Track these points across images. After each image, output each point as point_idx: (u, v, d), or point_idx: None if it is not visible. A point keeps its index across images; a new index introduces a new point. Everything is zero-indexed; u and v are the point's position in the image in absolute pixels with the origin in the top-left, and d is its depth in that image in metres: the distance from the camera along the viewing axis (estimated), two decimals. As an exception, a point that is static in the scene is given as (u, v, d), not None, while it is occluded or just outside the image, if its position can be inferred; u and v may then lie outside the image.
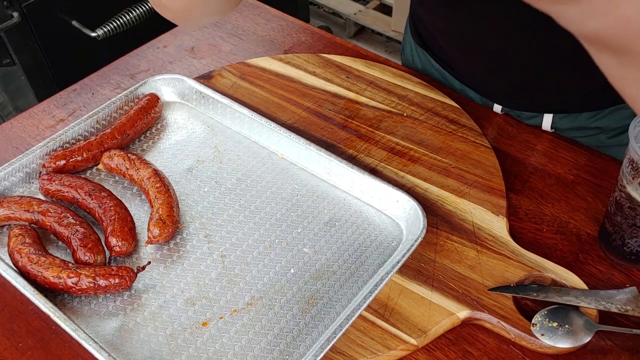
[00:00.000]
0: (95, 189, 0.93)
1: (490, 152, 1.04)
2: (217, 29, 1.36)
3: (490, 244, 0.89)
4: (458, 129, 1.08)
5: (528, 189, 0.99)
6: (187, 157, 1.05)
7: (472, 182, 0.99)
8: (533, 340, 0.78)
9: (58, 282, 0.81)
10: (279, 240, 0.92)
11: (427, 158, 1.03)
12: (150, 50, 1.30)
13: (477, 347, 0.80)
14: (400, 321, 0.81)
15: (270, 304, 0.84)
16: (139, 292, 0.85)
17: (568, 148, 1.06)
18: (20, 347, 0.81)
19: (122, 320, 0.82)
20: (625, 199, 0.82)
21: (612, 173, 1.01)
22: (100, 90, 1.20)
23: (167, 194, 0.93)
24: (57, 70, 1.86)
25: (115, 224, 0.88)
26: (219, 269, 0.88)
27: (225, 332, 0.81)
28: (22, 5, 1.67)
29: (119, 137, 1.02)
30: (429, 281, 0.85)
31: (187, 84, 1.12)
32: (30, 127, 1.12)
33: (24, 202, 0.91)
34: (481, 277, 0.85)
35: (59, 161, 0.98)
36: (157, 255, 0.90)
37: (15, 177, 0.98)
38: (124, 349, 0.79)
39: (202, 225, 0.94)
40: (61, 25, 1.82)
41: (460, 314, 0.81)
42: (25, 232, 0.87)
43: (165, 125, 1.11)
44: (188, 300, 0.84)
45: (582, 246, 0.91)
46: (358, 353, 0.78)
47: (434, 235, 0.91)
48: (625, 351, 0.79)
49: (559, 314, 0.80)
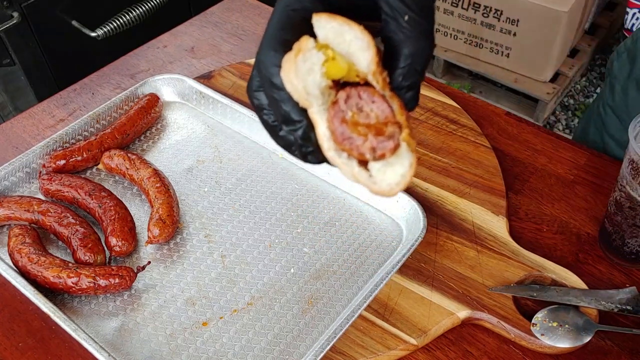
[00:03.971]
0: (95, 188, 0.93)
1: (490, 152, 1.04)
2: (217, 29, 1.36)
3: (490, 244, 0.89)
4: (458, 129, 1.08)
5: (528, 189, 0.99)
6: (187, 157, 1.05)
7: (472, 182, 0.99)
8: (533, 340, 0.78)
9: (58, 282, 0.81)
10: (279, 240, 0.92)
11: (427, 158, 1.03)
12: (150, 50, 1.30)
13: (477, 347, 0.80)
14: (400, 321, 0.81)
15: (270, 303, 0.84)
16: (139, 292, 0.85)
17: (568, 148, 1.06)
18: (20, 347, 0.81)
19: (122, 320, 0.82)
20: (625, 199, 0.82)
21: (612, 173, 1.01)
22: (100, 90, 1.20)
23: (167, 193, 0.93)
24: (57, 70, 1.86)
25: (115, 224, 0.88)
26: (219, 268, 0.88)
27: (225, 332, 0.81)
28: (22, 5, 1.67)
29: (119, 137, 1.02)
30: (429, 281, 0.85)
31: (187, 84, 1.12)
32: (30, 127, 1.12)
33: (24, 202, 0.91)
34: (481, 277, 0.85)
35: (59, 161, 0.98)
36: (157, 255, 0.90)
37: (16, 176, 0.98)
38: (124, 348, 0.79)
39: (202, 225, 0.94)
40: (61, 25, 1.82)
41: (460, 314, 0.81)
42: (26, 232, 0.87)
43: (165, 125, 1.11)
44: (188, 300, 0.84)
45: (582, 246, 0.91)
46: (358, 353, 0.78)
47: (434, 235, 0.91)
48: (625, 351, 0.79)
49: (559, 314, 0.80)
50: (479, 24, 2.76)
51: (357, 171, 0.47)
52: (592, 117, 1.26)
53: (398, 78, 0.47)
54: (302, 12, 0.48)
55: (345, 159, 0.47)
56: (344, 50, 0.46)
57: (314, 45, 0.45)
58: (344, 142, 0.46)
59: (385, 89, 0.46)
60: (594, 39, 3.08)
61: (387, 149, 0.45)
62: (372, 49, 0.45)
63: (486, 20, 2.73)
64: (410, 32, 0.46)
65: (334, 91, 0.46)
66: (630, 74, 1.13)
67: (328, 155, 0.47)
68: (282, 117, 0.48)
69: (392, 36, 0.47)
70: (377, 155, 0.46)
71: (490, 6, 2.67)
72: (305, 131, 0.47)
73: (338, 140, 0.46)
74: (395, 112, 0.46)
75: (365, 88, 0.46)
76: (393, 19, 0.46)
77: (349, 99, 0.46)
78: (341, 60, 0.46)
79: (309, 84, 0.45)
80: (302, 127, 0.47)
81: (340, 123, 0.46)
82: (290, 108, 0.47)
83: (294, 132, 0.48)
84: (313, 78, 0.45)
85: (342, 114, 0.46)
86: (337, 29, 0.46)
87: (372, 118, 0.46)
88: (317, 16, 0.46)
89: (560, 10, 2.52)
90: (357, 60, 0.46)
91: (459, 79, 3.08)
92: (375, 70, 0.45)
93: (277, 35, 0.48)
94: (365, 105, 0.46)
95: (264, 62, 0.48)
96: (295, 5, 0.48)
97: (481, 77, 3.02)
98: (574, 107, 3.01)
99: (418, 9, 0.46)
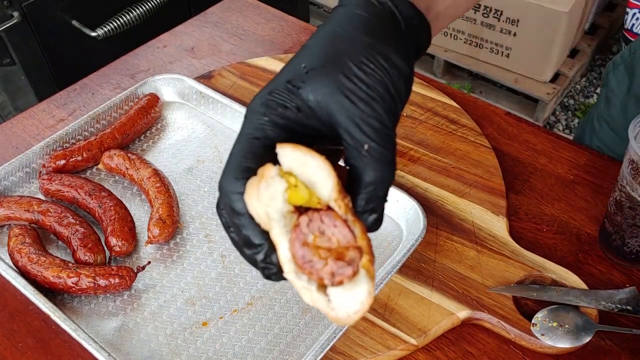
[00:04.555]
0: (95, 188, 0.93)
1: (490, 152, 1.04)
2: (217, 29, 1.36)
3: (490, 244, 0.89)
4: (458, 129, 1.08)
5: (528, 189, 0.99)
6: (187, 157, 1.05)
7: (472, 182, 0.99)
8: (533, 340, 0.78)
9: (58, 282, 0.81)
10: (279, 240, 0.91)
11: (427, 158, 1.03)
12: (150, 50, 1.30)
13: (477, 347, 0.80)
14: (400, 321, 0.81)
15: (270, 303, 0.84)
16: (139, 292, 0.85)
17: (568, 148, 1.06)
18: (20, 347, 0.81)
19: (122, 320, 0.82)
20: (625, 199, 0.82)
21: (612, 173, 1.01)
22: (100, 90, 1.20)
23: (167, 193, 0.93)
24: (57, 70, 1.86)
25: (115, 224, 0.88)
26: (219, 268, 0.88)
27: (225, 332, 0.81)
28: (22, 5, 1.67)
29: (119, 137, 1.02)
30: (429, 281, 0.85)
31: (187, 83, 1.12)
32: (30, 127, 1.12)
33: (24, 201, 0.91)
34: (481, 277, 0.85)
35: (59, 161, 0.98)
36: (157, 255, 0.90)
37: (15, 176, 0.98)
38: (124, 348, 0.79)
39: (202, 225, 0.94)
40: (61, 25, 1.82)
41: (460, 314, 0.81)
42: (25, 232, 0.87)
43: (165, 125, 1.11)
44: (188, 300, 0.84)
45: (582, 246, 0.91)
46: (358, 353, 0.78)
47: (434, 235, 0.91)
48: (625, 351, 0.79)
49: (559, 314, 0.80)
50: (479, 24, 2.76)
51: (316, 297, 0.47)
52: (587, 127, 1.24)
53: (360, 203, 0.47)
54: (264, 140, 0.49)
55: (305, 282, 0.47)
56: (307, 179, 0.47)
57: (277, 173, 0.46)
58: (304, 265, 0.46)
59: (347, 214, 0.46)
60: (594, 39, 3.08)
61: (345, 275, 0.46)
62: (333, 179, 0.46)
63: (486, 20, 2.73)
64: (371, 160, 0.47)
65: (296, 215, 0.47)
66: (630, 89, 1.10)
67: (288, 277, 0.48)
68: (242, 241, 0.49)
69: (353, 163, 0.48)
70: (336, 281, 0.46)
71: (490, 6, 2.67)
72: (267, 254, 0.48)
73: (299, 263, 0.46)
74: (357, 237, 0.46)
75: (327, 212, 0.46)
76: (354, 148, 0.47)
77: (310, 222, 0.46)
78: (303, 188, 0.47)
79: (271, 209, 0.46)
80: (263, 250, 0.48)
81: (302, 246, 0.46)
82: (251, 232, 0.48)
83: (256, 255, 0.48)
84: (275, 204, 0.46)
85: (303, 236, 0.46)
86: (301, 159, 0.46)
87: (333, 242, 0.46)
88: (280, 146, 0.47)
89: (561, 11, 2.52)
90: (319, 189, 0.46)
91: (459, 79, 3.08)
92: (337, 197, 0.46)
93: (239, 163, 0.49)
94: (327, 229, 0.46)
95: (225, 189, 0.49)
96: (258, 134, 0.49)
97: (481, 77, 3.02)
98: (574, 108, 3.01)
99: (378, 138, 0.47)
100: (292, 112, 0.49)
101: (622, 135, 1.12)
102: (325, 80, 0.48)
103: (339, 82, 0.48)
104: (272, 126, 0.49)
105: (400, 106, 0.51)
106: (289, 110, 0.49)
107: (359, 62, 0.49)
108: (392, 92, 0.49)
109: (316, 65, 0.49)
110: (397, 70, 0.50)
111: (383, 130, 0.48)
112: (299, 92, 0.49)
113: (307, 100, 0.49)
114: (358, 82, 0.48)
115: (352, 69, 0.48)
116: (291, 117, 0.49)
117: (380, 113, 0.48)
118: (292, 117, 0.49)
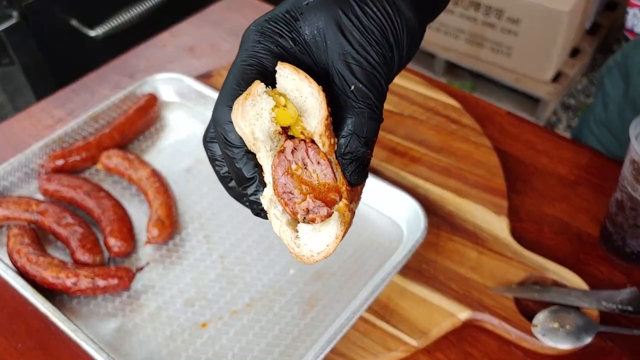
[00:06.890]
0: (94, 189, 0.93)
1: (491, 152, 1.03)
2: (217, 28, 1.35)
3: (491, 244, 0.89)
4: (459, 129, 1.07)
5: (529, 189, 0.99)
6: (186, 157, 1.04)
7: (473, 182, 0.98)
8: (534, 341, 0.78)
9: (57, 282, 0.81)
10: (278, 241, 0.91)
11: (428, 158, 1.03)
12: (149, 50, 1.29)
13: (478, 348, 0.80)
14: (400, 322, 0.80)
15: (270, 305, 0.83)
16: (137, 292, 0.85)
17: (569, 148, 1.05)
18: (19, 347, 0.80)
19: (121, 321, 0.82)
20: (626, 200, 0.82)
21: (613, 173, 1.00)
22: (99, 89, 1.19)
23: (165, 194, 0.93)
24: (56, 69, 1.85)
25: (114, 224, 0.88)
26: (218, 269, 0.88)
27: (224, 333, 0.80)
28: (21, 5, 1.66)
29: (117, 137, 1.02)
30: (430, 282, 0.85)
31: (187, 83, 1.12)
32: (29, 127, 1.12)
33: (23, 202, 0.91)
34: (482, 277, 0.85)
35: (58, 161, 0.97)
36: (156, 255, 0.89)
37: (14, 176, 0.97)
38: (123, 349, 0.79)
39: (201, 226, 0.93)
40: (60, 25, 1.81)
41: (461, 315, 0.81)
42: (24, 232, 0.87)
43: (164, 125, 1.10)
44: (187, 301, 0.84)
45: (583, 247, 0.91)
46: (358, 354, 0.77)
47: (435, 235, 0.90)
48: (626, 352, 0.78)
49: (560, 315, 0.80)
50: (479, 23, 2.76)
51: (284, 229, 0.47)
52: (584, 130, 1.23)
53: (341, 143, 0.46)
54: (258, 67, 0.48)
55: (279, 212, 0.47)
56: (298, 104, 0.46)
57: (264, 90, 0.45)
58: (283, 195, 0.46)
59: (331, 155, 0.46)
60: (595, 39, 3.07)
61: (319, 214, 0.45)
62: (324, 112, 0.45)
63: (487, 19, 2.72)
64: (354, 102, 0.46)
65: (284, 138, 0.46)
66: (626, 94, 1.10)
67: (263, 202, 0.47)
68: (234, 174, 0.48)
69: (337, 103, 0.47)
70: (309, 218, 0.45)
71: (490, 6, 2.67)
72: (257, 189, 0.47)
73: (278, 191, 0.46)
74: (337, 180, 0.45)
75: (314, 146, 0.45)
76: (340, 88, 0.47)
77: (295, 150, 0.45)
78: (292, 109, 0.46)
79: (257, 128, 0.45)
80: (254, 183, 0.47)
81: (284, 174, 0.46)
82: (243, 165, 0.47)
83: (246, 189, 0.48)
84: (261, 123, 0.45)
85: (286, 163, 0.46)
86: (297, 82, 0.46)
87: (314, 178, 0.45)
88: (281, 65, 0.46)
89: (562, 10, 2.51)
90: (308, 117, 0.46)
91: (459, 78, 3.07)
92: (322, 132, 0.45)
93: (232, 91, 0.48)
94: (309, 164, 0.45)
95: (218, 119, 0.48)
96: (251, 61, 0.48)
97: (482, 76, 3.02)
98: (575, 107, 3.00)
99: (365, 81, 0.46)
100: (287, 43, 0.48)
101: (620, 139, 1.12)
102: (323, 14, 0.47)
103: (337, 17, 0.47)
104: (267, 53, 0.48)
105: (397, 57, 0.49)
106: (284, 40, 0.48)
107: (361, 1, 0.47)
108: (390, 40, 0.48)
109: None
110: (402, 18, 0.48)
111: (372, 74, 0.47)
112: (296, 24, 0.48)
113: (304, 33, 0.48)
114: (355, 21, 0.47)
115: (352, 6, 0.47)
116: (286, 47, 0.48)
117: (373, 56, 0.47)
118: (287, 48, 0.48)
